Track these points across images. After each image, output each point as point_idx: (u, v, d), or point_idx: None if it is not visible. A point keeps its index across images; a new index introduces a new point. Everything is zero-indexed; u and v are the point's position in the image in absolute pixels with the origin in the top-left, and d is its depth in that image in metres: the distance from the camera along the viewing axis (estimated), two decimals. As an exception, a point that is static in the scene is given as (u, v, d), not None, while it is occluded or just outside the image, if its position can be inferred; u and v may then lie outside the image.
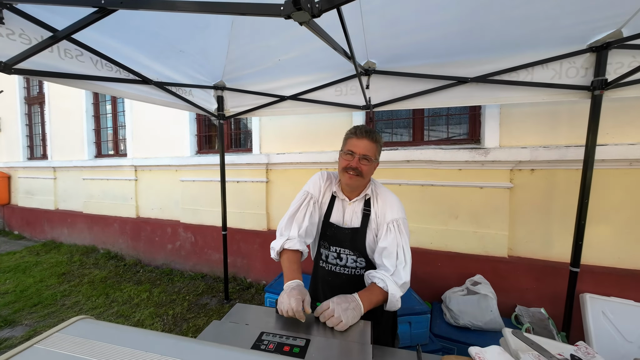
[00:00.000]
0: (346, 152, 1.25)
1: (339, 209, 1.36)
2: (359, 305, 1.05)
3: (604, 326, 1.93)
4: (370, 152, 1.23)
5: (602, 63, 1.71)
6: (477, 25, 1.67)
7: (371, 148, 1.23)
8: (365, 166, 1.23)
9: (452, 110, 2.79)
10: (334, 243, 1.34)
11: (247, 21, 1.82)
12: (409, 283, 1.20)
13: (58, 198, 5.32)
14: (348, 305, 1.02)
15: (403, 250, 1.21)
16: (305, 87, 2.45)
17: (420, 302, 2.02)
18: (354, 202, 1.33)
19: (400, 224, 1.24)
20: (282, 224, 1.33)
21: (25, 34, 1.44)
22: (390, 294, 1.12)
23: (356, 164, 1.22)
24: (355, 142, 1.23)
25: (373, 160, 1.25)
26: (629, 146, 2.08)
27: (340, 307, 1.00)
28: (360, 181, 1.26)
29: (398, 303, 1.16)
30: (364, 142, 1.22)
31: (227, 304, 3.05)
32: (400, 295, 1.15)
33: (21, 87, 5.66)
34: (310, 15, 0.83)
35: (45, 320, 2.73)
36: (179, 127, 3.95)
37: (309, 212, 1.31)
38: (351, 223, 1.33)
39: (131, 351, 0.61)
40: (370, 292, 1.14)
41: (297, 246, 1.25)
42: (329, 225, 1.34)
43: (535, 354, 0.78)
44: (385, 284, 1.14)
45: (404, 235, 1.24)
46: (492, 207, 2.50)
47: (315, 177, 1.41)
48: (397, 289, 1.14)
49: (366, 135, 1.23)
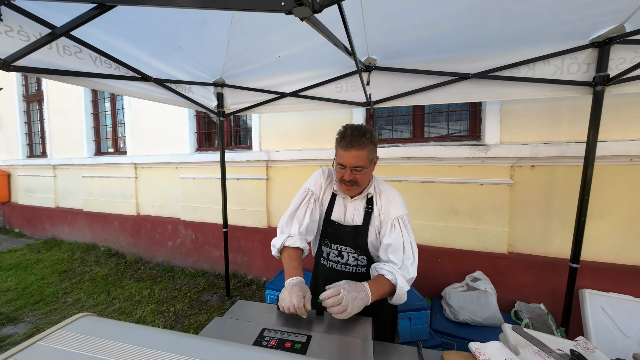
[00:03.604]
0: (337, 164, 1.22)
1: (340, 206, 1.35)
2: (367, 296, 1.05)
3: (603, 321, 1.94)
4: (361, 162, 1.16)
5: (604, 59, 1.70)
6: (478, 21, 1.66)
7: (362, 156, 1.16)
8: (360, 175, 1.20)
9: (453, 107, 2.78)
10: (335, 241, 1.34)
11: (247, 17, 1.81)
12: (415, 279, 1.21)
13: (58, 196, 5.32)
14: (357, 294, 1.02)
15: (411, 245, 1.21)
16: (305, 83, 2.44)
17: (420, 298, 2.03)
18: (356, 200, 1.32)
19: (405, 221, 1.23)
20: (283, 221, 1.32)
21: (23, 31, 1.43)
22: (398, 287, 1.12)
23: (349, 176, 1.19)
24: (343, 154, 1.18)
25: (367, 166, 1.19)
26: (629, 142, 2.08)
27: (350, 295, 1.00)
28: (357, 190, 1.27)
29: (404, 297, 1.16)
30: (351, 154, 1.15)
31: (228, 300, 3.06)
32: (407, 290, 1.16)
33: (19, 84, 5.63)
34: (311, 10, 0.82)
35: (47, 317, 2.75)
36: (179, 125, 3.94)
37: (310, 210, 1.31)
38: (353, 221, 1.32)
39: (134, 348, 0.61)
40: (379, 283, 1.13)
41: (297, 243, 1.25)
42: (331, 223, 1.34)
43: (535, 349, 0.79)
44: (394, 276, 1.13)
45: (410, 231, 1.23)
46: (492, 203, 2.50)
47: (316, 174, 1.40)
48: (405, 283, 1.14)
49: (352, 145, 1.14)
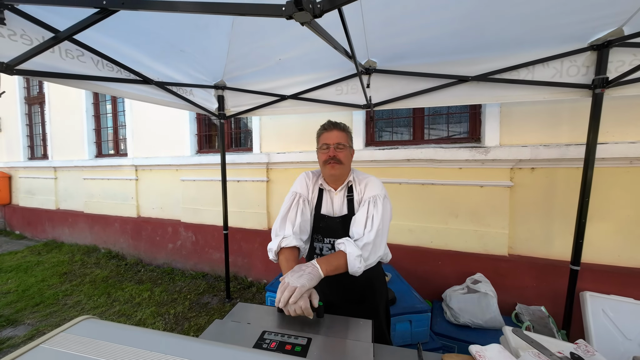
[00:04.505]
0: (321, 146, 1.36)
1: (327, 200, 1.42)
2: (314, 267, 1.09)
3: (604, 324, 1.93)
4: (342, 139, 1.33)
5: (603, 61, 1.71)
6: (477, 24, 1.67)
7: (342, 136, 1.34)
8: (342, 152, 1.32)
9: (452, 109, 2.79)
10: (327, 234, 1.38)
11: (248, 21, 1.82)
12: (374, 245, 1.22)
13: (59, 198, 5.33)
14: (302, 272, 1.05)
15: (372, 218, 1.25)
16: (305, 86, 2.45)
17: (420, 301, 2.03)
18: (340, 192, 1.39)
19: (377, 199, 1.29)
20: (276, 226, 1.36)
21: (26, 35, 1.44)
22: (347, 253, 1.16)
23: (333, 152, 1.31)
24: (327, 135, 1.35)
25: (347, 146, 1.35)
26: (629, 144, 2.08)
27: (293, 276, 1.03)
28: (341, 169, 1.34)
29: (357, 262, 1.16)
30: (334, 133, 1.34)
31: (229, 303, 3.06)
32: (358, 255, 1.16)
33: (21, 87, 5.66)
34: (312, 15, 0.84)
35: (47, 319, 2.75)
36: (179, 127, 3.95)
37: (300, 210, 1.36)
38: (340, 212, 1.39)
39: (136, 350, 0.62)
40: (330, 256, 1.18)
41: (294, 242, 1.27)
42: (321, 218, 1.39)
43: (536, 352, 0.79)
44: (345, 246, 1.19)
45: (378, 208, 1.27)
46: (493, 205, 2.50)
47: (300, 178, 1.46)
48: (355, 248, 1.17)
49: (334, 126, 1.35)
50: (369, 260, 1.20)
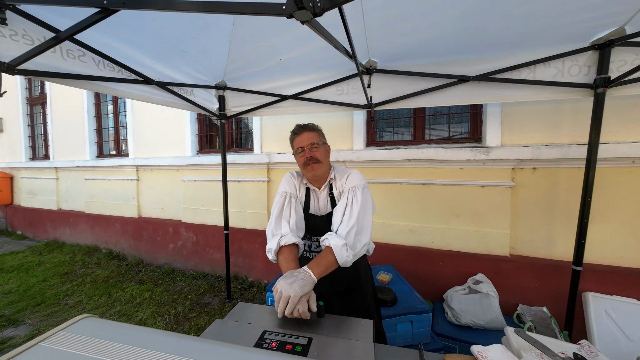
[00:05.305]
0: (297, 150, 1.40)
1: (314, 199, 1.45)
2: (307, 274, 1.08)
3: (606, 325, 1.92)
4: (314, 139, 1.37)
5: (605, 61, 1.70)
6: (478, 24, 1.67)
7: (313, 135, 1.38)
8: (317, 151, 1.36)
9: (454, 109, 2.78)
10: (315, 233, 1.41)
11: (249, 21, 1.82)
12: (357, 232, 1.23)
13: (60, 198, 5.34)
14: (294, 279, 1.03)
15: (352, 205, 1.27)
16: (306, 86, 2.45)
17: (421, 301, 2.02)
18: (324, 190, 1.43)
19: (356, 190, 1.31)
20: (271, 226, 1.36)
21: (28, 35, 1.45)
22: (332, 246, 1.17)
23: (309, 153, 1.35)
24: (299, 139, 1.39)
25: (321, 143, 1.39)
26: (631, 144, 2.07)
27: (285, 283, 1.01)
28: (321, 167, 1.37)
29: (344, 251, 1.17)
30: (304, 135, 1.38)
31: (229, 303, 3.06)
32: (343, 244, 1.17)
33: (23, 87, 5.68)
34: (312, 14, 0.83)
35: (48, 319, 2.75)
36: (180, 127, 3.96)
37: (294, 207, 1.37)
38: (326, 209, 1.42)
39: (135, 349, 0.61)
40: (319, 257, 1.18)
41: (292, 240, 1.26)
42: (310, 217, 1.42)
43: (538, 353, 0.78)
44: (328, 240, 1.20)
45: (357, 197, 1.29)
46: (494, 206, 2.49)
47: (286, 178, 1.48)
48: (339, 239, 1.18)
49: (303, 129, 1.40)
50: (356, 248, 1.21)
